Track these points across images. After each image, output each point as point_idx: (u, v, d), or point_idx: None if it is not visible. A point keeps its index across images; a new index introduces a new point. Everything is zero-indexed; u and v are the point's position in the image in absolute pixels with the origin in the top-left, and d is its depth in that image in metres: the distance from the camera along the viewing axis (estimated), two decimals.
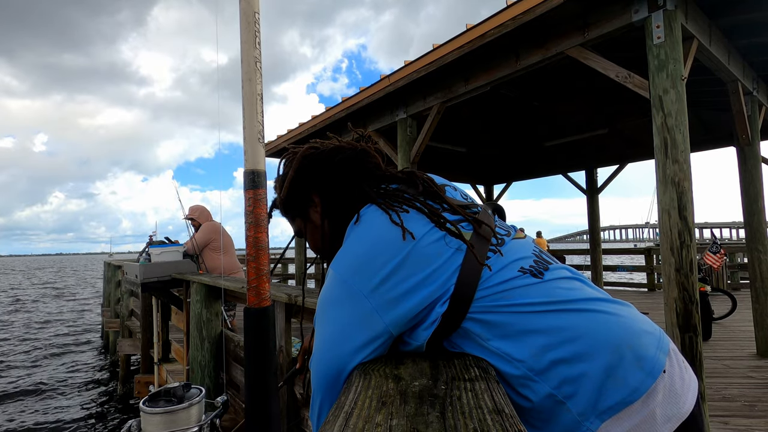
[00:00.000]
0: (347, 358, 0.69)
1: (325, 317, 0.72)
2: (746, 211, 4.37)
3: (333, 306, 0.71)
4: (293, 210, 0.92)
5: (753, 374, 3.58)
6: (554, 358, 0.65)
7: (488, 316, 0.68)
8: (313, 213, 0.89)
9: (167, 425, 1.87)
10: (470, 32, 3.45)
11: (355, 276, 0.69)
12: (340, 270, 0.72)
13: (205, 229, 4.07)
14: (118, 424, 5.48)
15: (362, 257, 0.71)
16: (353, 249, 0.73)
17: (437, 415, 0.47)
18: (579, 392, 0.64)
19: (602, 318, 0.69)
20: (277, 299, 2.08)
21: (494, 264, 0.72)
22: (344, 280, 0.70)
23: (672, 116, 2.54)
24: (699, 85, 4.64)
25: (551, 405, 0.65)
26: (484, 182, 9.63)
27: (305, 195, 0.89)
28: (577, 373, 0.64)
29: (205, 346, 3.02)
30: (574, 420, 0.64)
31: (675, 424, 0.64)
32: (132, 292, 6.50)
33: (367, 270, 0.69)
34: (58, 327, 12.77)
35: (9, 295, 24.08)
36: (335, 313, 0.70)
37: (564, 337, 0.66)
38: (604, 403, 0.63)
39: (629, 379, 0.64)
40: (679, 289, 2.46)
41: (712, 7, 3.12)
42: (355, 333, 0.68)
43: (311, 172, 0.87)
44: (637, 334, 0.69)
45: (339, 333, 0.69)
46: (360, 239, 0.74)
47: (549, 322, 0.67)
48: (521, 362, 0.66)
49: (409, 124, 4.64)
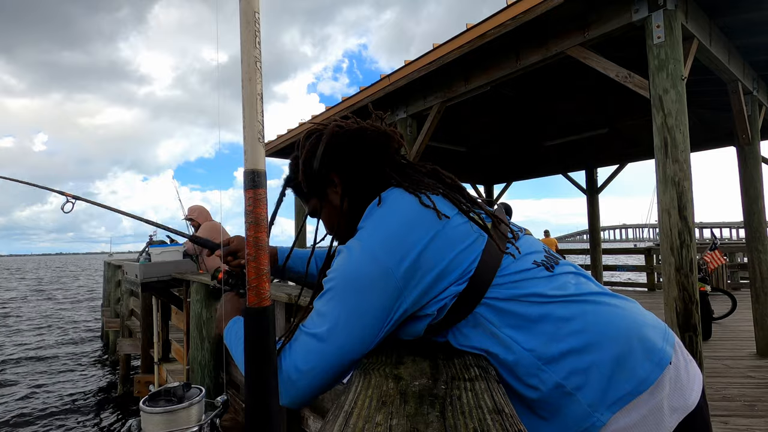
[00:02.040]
0: (373, 339, 0.69)
1: (354, 294, 0.69)
2: (746, 211, 4.37)
3: (363, 282, 0.69)
4: (312, 189, 0.90)
5: (753, 374, 3.58)
6: (564, 348, 0.66)
7: (502, 304, 0.69)
8: (332, 193, 0.88)
9: (167, 425, 1.87)
10: (470, 32, 3.45)
11: (388, 254, 0.69)
12: (371, 245, 0.71)
13: (205, 229, 4.07)
14: (118, 423, 5.48)
15: (394, 235, 0.71)
16: (384, 226, 0.73)
17: (437, 415, 0.47)
18: (588, 383, 0.65)
19: (611, 310, 0.70)
20: (277, 299, 2.08)
21: (510, 255, 0.74)
22: (376, 257, 0.69)
23: (672, 116, 2.54)
24: (699, 85, 4.63)
25: (559, 396, 0.66)
26: (484, 182, 9.63)
27: (326, 174, 0.87)
28: (587, 363, 0.65)
29: (205, 346, 3.02)
30: (584, 411, 0.65)
31: (681, 415, 0.65)
32: (132, 292, 6.50)
33: (399, 248, 0.69)
34: (58, 327, 12.78)
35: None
36: (366, 292, 0.68)
37: (574, 328, 0.67)
38: (614, 394, 0.64)
39: (638, 369, 0.65)
40: (679, 289, 2.46)
41: (712, 7, 3.12)
42: (386, 316, 0.68)
43: (335, 151, 0.86)
44: (645, 327, 0.70)
45: (370, 314, 0.68)
46: (389, 218, 0.74)
47: (560, 312, 0.68)
48: (530, 351, 0.67)
49: (410, 123, 4.64)
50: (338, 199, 0.87)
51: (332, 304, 0.70)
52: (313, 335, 0.69)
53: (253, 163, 0.59)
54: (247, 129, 0.59)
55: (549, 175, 8.96)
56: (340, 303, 0.69)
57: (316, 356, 0.69)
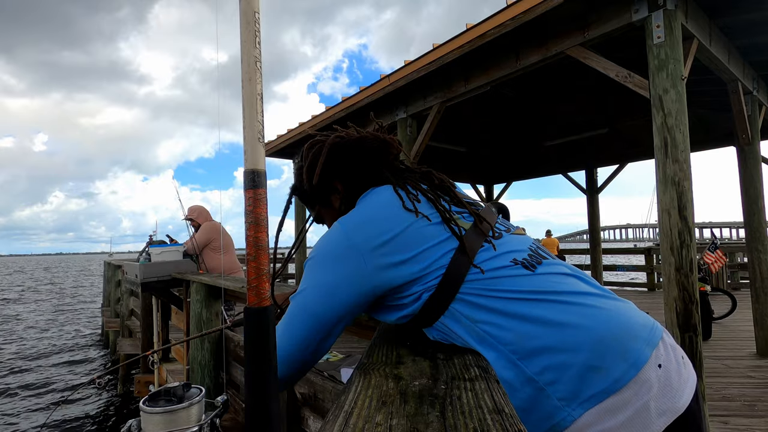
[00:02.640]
0: (341, 309, 0.76)
1: (324, 264, 0.77)
2: (746, 211, 4.37)
3: (333, 256, 0.77)
4: (316, 197, 0.96)
5: (753, 374, 3.58)
6: (538, 345, 0.68)
7: (476, 299, 0.72)
8: (335, 199, 0.95)
9: (167, 425, 1.87)
10: (470, 32, 3.45)
11: (358, 233, 0.76)
12: (345, 224, 0.79)
13: (205, 229, 4.07)
14: (118, 423, 5.48)
15: (367, 219, 0.79)
16: (360, 211, 0.82)
17: (437, 415, 0.47)
18: (561, 380, 0.66)
19: (590, 311, 0.71)
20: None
21: (487, 252, 0.77)
22: (347, 235, 0.77)
23: (672, 116, 2.54)
24: (699, 85, 4.63)
25: (532, 392, 0.67)
26: (484, 182, 9.63)
27: (329, 183, 0.93)
28: (560, 361, 0.67)
29: (205, 346, 3.02)
30: (554, 406, 0.66)
31: (670, 418, 0.65)
32: (132, 292, 6.50)
33: (369, 230, 0.76)
34: (58, 327, 12.78)
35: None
36: (335, 264, 0.76)
37: (548, 326, 0.69)
38: (587, 392, 0.65)
39: (612, 369, 0.65)
40: (679, 289, 2.46)
41: (712, 7, 3.12)
42: (350, 287, 0.75)
43: (337, 161, 0.91)
44: (626, 327, 0.70)
45: (335, 284, 0.75)
46: (367, 205, 0.83)
47: (535, 311, 0.70)
48: (505, 345, 0.69)
49: (409, 123, 4.64)
50: (339, 203, 0.94)
51: (307, 273, 0.79)
52: (292, 301, 0.78)
53: (253, 163, 0.59)
54: (247, 129, 0.59)
55: (549, 175, 8.95)
56: (312, 271, 0.78)
57: (290, 319, 0.77)
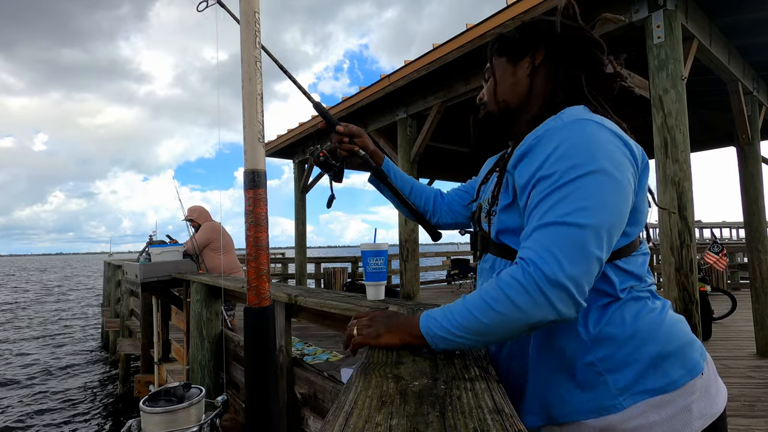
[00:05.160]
0: (625, 219, 0.68)
1: (606, 161, 0.65)
2: (746, 211, 4.37)
3: (611, 152, 0.66)
4: (515, 44, 0.85)
5: (753, 374, 3.58)
6: (608, 333, 0.71)
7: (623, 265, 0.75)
8: (526, 63, 0.84)
9: (167, 425, 1.87)
10: (470, 32, 3.45)
11: (627, 146, 0.69)
12: (615, 130, 0.70)
13: (205, 229, 4.07)
14: (118, 423, 5.48)
15: (619, 135, 0.70)
16: (609, 126, 0.71)
17: (437, 415, 0.47)
18: (621, 370, 0.70)
19: (666, 313, 0.76)
20: (277, 299, 2.08)
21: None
22: (624, 140, 0.69)
23: (672, 116, 2.54)
24: (699, 85, 4.63)
25: (591, 375, 0.71)
26: None
27: (536, 42, 0.84)
28: (625, 353, 0.70)
29: (205, 346, 3.02)
30: (609, 393, 0.69)
31: (708, 421, 0.70)
32: (132, 292, 6.50)
33: (626, 141, 0.70)
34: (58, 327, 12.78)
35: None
36: (618, 167, 0.66)
37: (628, 319, 0.73)
38: (641, 386, 0.69)
39: (671, 372, 0.70)
40: (679, 289, 2.46)
41: (712, 7, 3.12)
42: (629, 196, 0.68)
43: (562, 32, 0.82)
44: (687, 336, 0.76)
45: (625, 189, 0.66)
46: (610, 123, 0.72)
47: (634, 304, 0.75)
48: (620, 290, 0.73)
49: (409, 123, 4.64)
50: (528, 71, 0.84)
51: (585, 183, 0.64)
52: (570, 224, 0.62)
53: (253, 163, 0.59)
54: (247, 129, 0.59)
55: None
56: (595, 181, 0.64)
57: (578, 245, 0.62)
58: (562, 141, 0.67)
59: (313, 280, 9.08)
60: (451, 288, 10.12)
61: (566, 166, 0.65)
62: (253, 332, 1.35)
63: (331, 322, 1.86)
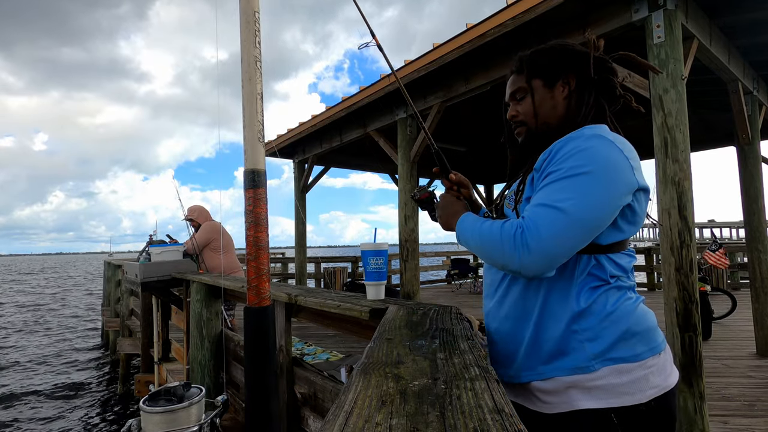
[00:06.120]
0: (607, 221, 0.85)
1: (605, 171, 0.82)
2: (746, 211, 4.37)
3: (610, 163, 0.83)
4: (552, 67, 0.98)
5: (753, 374, 3.58)
6: (593, 308, 0.88)
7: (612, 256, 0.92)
8: (561, 86, 0.98)
9: (167, 424, 1.87)
10: (470, 32, 3.45)
11: (628, 152, 0.87)
12: (612, 142, 0.87)
13: (205, 229, 4.07)
14: (119, 423, 5.48)
15: (627, 148, 0.89)
16: (619, 141, 0.89)
17: (437, 415, 0.47)
18: (597, 339, 0.86)
19: (639, 299, 0.92)
20: (277, 299, 2.08)
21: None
22: (621, 150, 0.86)
23: (672, 116, 2.54)
24: (699, 85, 4.63)
25: (573, 342, 0.87)
26: (484, 182, 9.62)
27: (568, 69, 0.98)
28: (603, 326, 0.86)
29: (205, 346, 3.02)
30: (586, 356, 0.85)
31: (659, 392, 0.86)
32: (132, 292, 6.50)
33: (631, 155, 0.88)
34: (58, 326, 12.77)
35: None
36: (617, 173, 0.84)
37: (612, 303, 0.89)
38: (612, 355, 0.85)
39: (637, 347, 0.86)
40: (679, 289, 2.46)
41: (713, 7, 3.12)
42: (618, 202, 0.84)
43: (593, 64, 0.96)
44: (653, 324, 0.92)
45: (614, 194, 0.83)
46: (619, 142, 0.89)
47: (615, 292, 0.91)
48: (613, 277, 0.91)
49: (409, 123, 4.64)
50: (564, 95, 0.98)
51: (580, 180, 0.81)
52: (558, 209, 0.81)
53: (253, 162, 0.59)
54: (247, 129, 0.59)
55: None
56: (587, 180, 0.81)
57: (559, 225, 0.80)
58: (575, 147, 0.85)
59: (313, 279, 9.08)
60: (451, 288, 10.12)
61: (569, 165, 0.83)
62: (253, 332, 1.35)
63: (331, 321, 1.86)
